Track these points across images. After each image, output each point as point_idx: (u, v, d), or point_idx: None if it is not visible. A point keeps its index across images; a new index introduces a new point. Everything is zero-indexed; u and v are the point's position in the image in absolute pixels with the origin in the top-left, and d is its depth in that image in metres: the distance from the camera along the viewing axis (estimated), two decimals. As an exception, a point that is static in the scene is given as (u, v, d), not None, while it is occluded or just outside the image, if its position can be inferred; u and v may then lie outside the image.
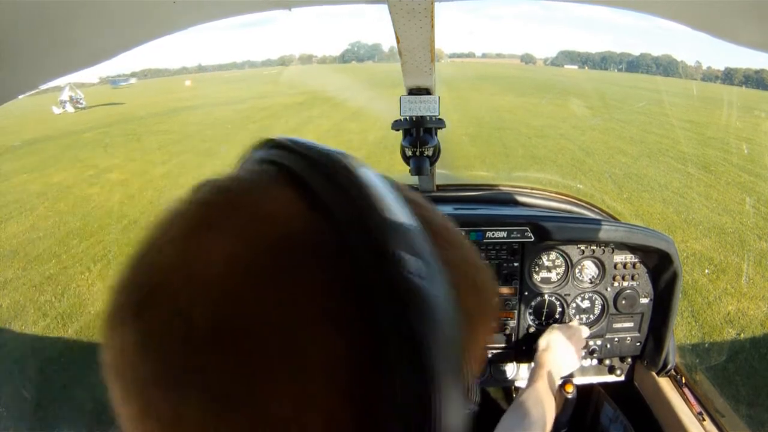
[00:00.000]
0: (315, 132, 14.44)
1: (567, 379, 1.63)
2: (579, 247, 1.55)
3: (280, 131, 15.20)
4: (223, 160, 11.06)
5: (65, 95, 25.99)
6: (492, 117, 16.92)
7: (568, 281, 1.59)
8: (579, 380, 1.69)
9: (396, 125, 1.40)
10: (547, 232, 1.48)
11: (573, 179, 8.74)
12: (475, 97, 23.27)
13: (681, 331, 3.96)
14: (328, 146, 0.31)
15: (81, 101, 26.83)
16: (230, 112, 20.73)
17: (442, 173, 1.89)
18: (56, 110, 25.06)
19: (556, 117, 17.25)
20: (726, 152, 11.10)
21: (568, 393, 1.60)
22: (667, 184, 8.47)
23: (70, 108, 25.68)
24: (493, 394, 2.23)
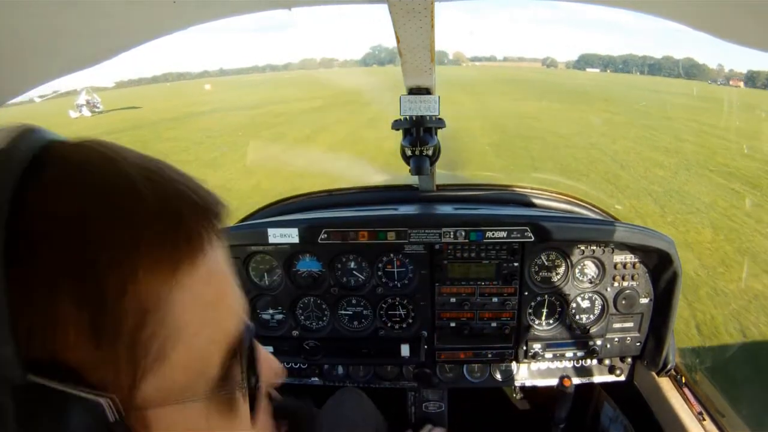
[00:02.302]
0: (330, 140, 13.84)
1: (565, 375, 1.64)
2: (579, 247, 1.55)
3: (293, 139, 14.34)
4: (227, 171, 10.60)
5: (82, 99, 26.09)
6: (517, 124, 16.04)
7: (568, 281, 1.59)
8: (579, 380, 1.70)
9: (396, 125, 1.40)
10: (547, 232, 1.48)
11: (610, 197, 7.83)
12: (498, 103, 22.24)
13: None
14: None
15: (98, 105, 26.92)
16: (245, 118, 20.33)
17: (442, 173, 1.89)
18: (73, 114, 25.18)
19: (584, 124, 16.43)
20: (768, 164, 10.33)
21: (566, 388, 1.61)
22: (712, 204, 7.57)
23: (86, 112, 25.78)
24: (494, 394, 2.23)
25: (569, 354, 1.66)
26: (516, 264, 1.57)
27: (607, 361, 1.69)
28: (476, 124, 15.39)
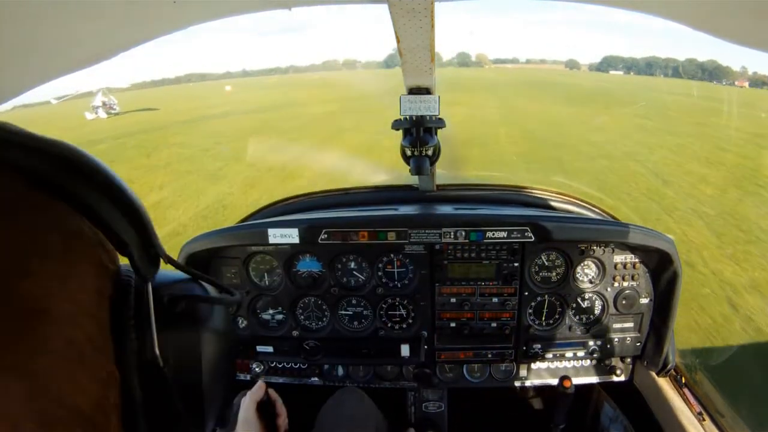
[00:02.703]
0: (344, 147, 12.55)
1: (565, 375, 1.65)
2: (579, 247, 1.55)
3: (307, 145, 13.32)
4: (227, 185, 9.62)
5: (98, 101, 25.69)
6: (545, 131, 14.67)
7: (568, 281, 1.59)
8: (579, 380, 1.69)
9: (396, 125, 1.40)
10: (547, 232, 1.48)
11: (657, 221, 6.65)
12: (523, 106, 20.52)
13: None
14: None
15: (114, 107, 26.43)
16: (258, 122, 19.37)
17: (442, 173, 1.89)
18: (89, 116, 24.88)
19: (617, 131, 14.84)
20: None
21: (566, 389, 1.61)
22: (771, 230, 6.39)
23: (102, 114, 25.35)
24: (494, 394, 2.23)
25: (569, 354, 1.66)
26: (516, 264, 1.57)
27: (607, 361, 1.69)
28: (502, 131, 14.56)
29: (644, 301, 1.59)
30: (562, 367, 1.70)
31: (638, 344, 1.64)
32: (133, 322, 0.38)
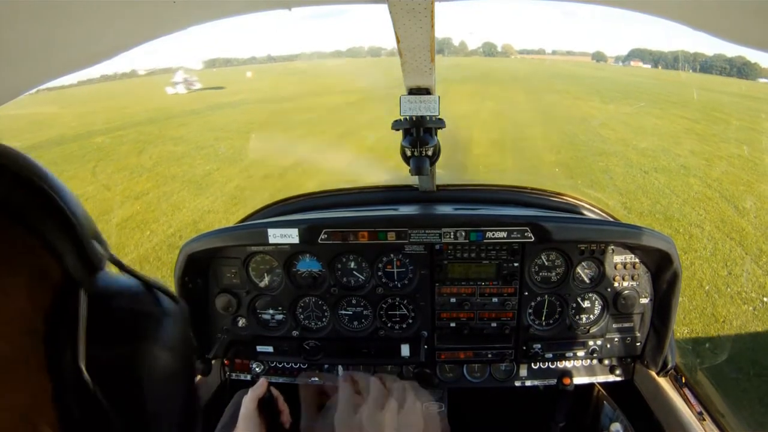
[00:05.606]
0: (355, 151, 10.98)
1: (565, 373, 1.64)
2: (579, 247, 1.55)
3: (314, 144, 12.08)
4: (213, 197, 8.26)
5: (179, 77, 28.29)
6: (586, 134, 12.92)
7: (568, 281, 1.59)
8: (579, 380, 1.69)
9: (396, 125, 1.40)
10: (547, 232, 1.48)
11: (737, 266, 4.98)
12: (557, 102, 18.63)
13: None
14: None
15: (195, 83, 28.57)
16: (267, 113, 18.26)
17: (442, 173, 1.89)
18: (170, 90, 27.67)
19: (664, 135, 12.84)
20: None
21: (566, 386, 1.61)
22: None
23: (182, 89, 27.64)
24: (494, 394, 2.23)
25: (569, 354, 1.66)
26: (516, 264, 1.57)
27: (607, 361, 1.69)
28: (537, 133, 13.11)
29: (644, 301, 1.59)
30: (562, 367, 1.70)
31: (638, 344, 1.64)
32: (68, 333, 0.35)
